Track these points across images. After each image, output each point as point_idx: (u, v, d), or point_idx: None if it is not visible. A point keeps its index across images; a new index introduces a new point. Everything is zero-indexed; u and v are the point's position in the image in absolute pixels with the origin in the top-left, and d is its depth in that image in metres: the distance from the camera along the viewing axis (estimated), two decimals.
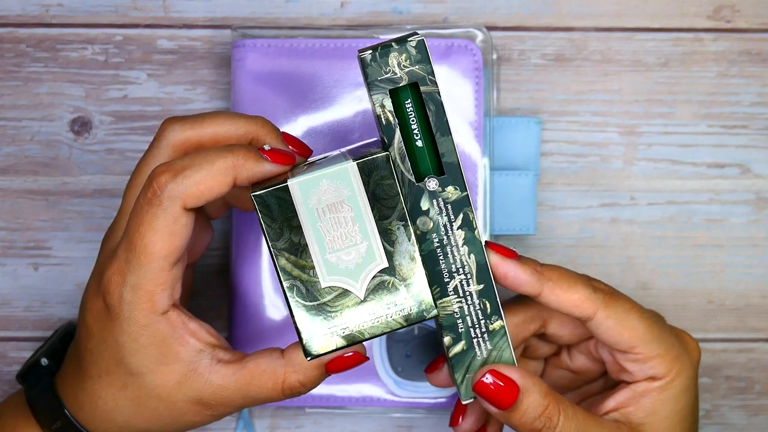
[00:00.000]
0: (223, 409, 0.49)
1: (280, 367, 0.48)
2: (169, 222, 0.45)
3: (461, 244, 0.47)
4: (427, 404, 0.58)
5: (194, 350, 0.48)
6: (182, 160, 0.46)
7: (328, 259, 0.45)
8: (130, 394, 0.48)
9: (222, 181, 0.45)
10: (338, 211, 0.45)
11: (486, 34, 0.58)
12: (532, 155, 0.59)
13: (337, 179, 0.45)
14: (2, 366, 0.61)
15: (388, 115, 0.46)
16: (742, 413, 0.62)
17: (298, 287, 0.45)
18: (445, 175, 0.46)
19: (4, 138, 0.60)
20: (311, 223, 0.45)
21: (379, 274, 0.45)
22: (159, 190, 0.45)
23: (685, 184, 0.61)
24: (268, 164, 0.46)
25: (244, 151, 0.46)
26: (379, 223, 0.45)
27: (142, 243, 0.45)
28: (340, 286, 0.45)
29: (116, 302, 0.46)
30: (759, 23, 0.61)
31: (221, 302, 0.60)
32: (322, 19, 0.60)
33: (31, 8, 0.60)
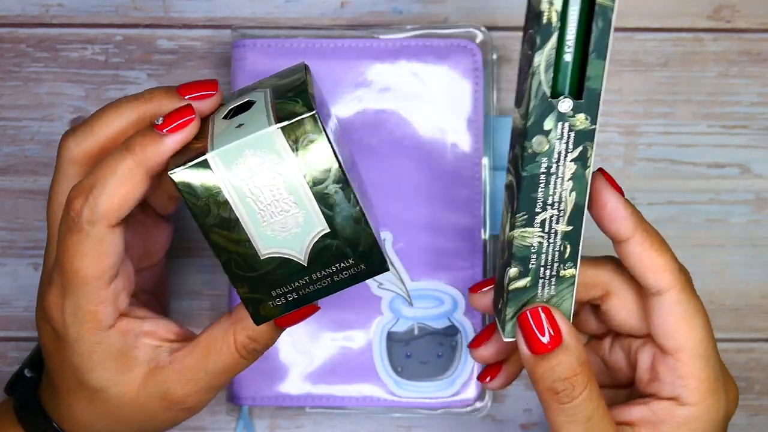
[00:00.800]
0: (193, 400, 0.47)
1: (229, 327, 0.46)
2: (94, 245, 0.44)
3: (567, 178, 0.43)
4: (427, 404, 0.58)
5: (151, 348, 0.47)
6: (88, 178, 0.44)
7: (263, 231, 0.42)
8: (100, 408, 0.48)
9: (134, 184, 0.43)
10: (267, 181, 0.42)
11: (486, 34, 0.58)
12: None
13: (261, 147, 0.41)
14: (2, 366, 0.61)
15: (552, 14, 0.40)
16: (742, 413, 0.62)
17: (236, 260, 0.43)
18: (581, 101, 0.41)
19: (4, 138, 0.60)
20: (239, 196, 0.42)
21: (321, 239, 0.43)
22: (76, 216, 0.43)
23: (685, 184, 0.61)
24: (169, 137, 0.43)
25: (138, 139, 0.43)
26: (313, 189, 0.42)
27: (72, 269, 0.44)
28: (280, 255, 0.43)
29: (61, 327, 0.46)
30: (759, 23, 0.61)
31: (221, 302, 0.60)
32: (322, 19, 0.60)
33: (31, 8, 0.60)
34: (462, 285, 0.58)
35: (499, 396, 0.61)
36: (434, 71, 0.57)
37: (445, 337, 0.58)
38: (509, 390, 0.61)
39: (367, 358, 0.58)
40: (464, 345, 0.58)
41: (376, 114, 0.58)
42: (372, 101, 0.58)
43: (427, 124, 0.58)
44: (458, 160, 0.58)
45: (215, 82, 0.46)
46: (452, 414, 0.59)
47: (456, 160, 0.58)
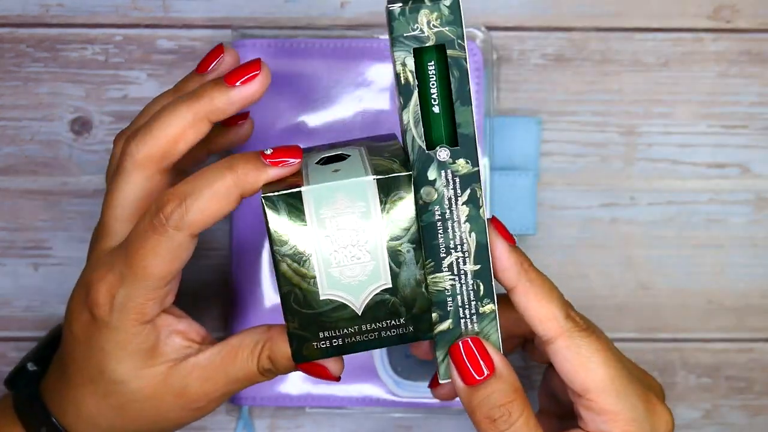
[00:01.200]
0: (206, 399, 0.48)
1: (260, 342, 0.47)
2: (172, 249, 0.45)
3: (464, 221, 0.45)
4: (427, 404, 0.58)
5: (180, 347, 0.48)
6: (185, 186, 0.45)
7: (331, 272, 0.43)
8: (114, 401, 0.48)
9: (226, 202, 0.44)
10: (349, 225, 0.43)
11: (486, 34, 0.58)
12: (532, 155, 0.59)
13: (353, 193, 0.43)
14: (2, 366, 0.61)
15: (408, 74, 0.43)
16: (742, 413, 0.62)
17: (296, 294, 0.44)
18: (458, 147, 0.44)
19: (4, 138, 0.60)
20: (319, 233, 0.43)
21: (381, 293, 0.44)
22: (165, 219, 0.44)
23: (685, 184, 0.61)
24: (273, 170, 0.44)
25: (243, 163, 0.44)
26: (389, 243, 0.43)
27: (142, 264, 0.45)
28: (339, 299, 0.44)
29: (104, 313, 0.46)
30: (759, 23, 0.61)
31: (221, 302, 0.60)
32: (322, 19, 0.60)
33: (31, 8, 0.60)
34: None
35: None
36: None
37: None
38: None
39: (366, 359, 0.58)
40: None
41: (376, 114, 0.58)
42: (372, 101, 0.58)
43: None
44: None
45: (258, 61, 0.47)
46: (452, 414, 0.59)
47: None
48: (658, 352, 0.61)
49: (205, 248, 0.60)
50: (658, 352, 0.61)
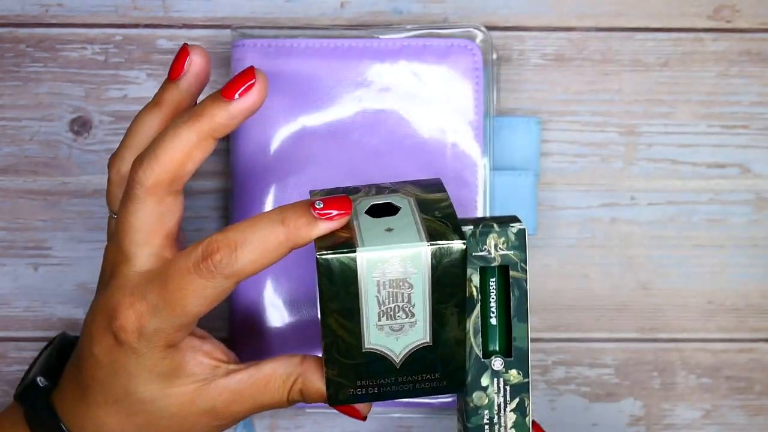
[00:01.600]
0: (231, 418, 0.49)
1: (294, 374, 0.48)
2: (216, 294, 0.45)
3: (510, 427, 0.48)
4: (427, 404, 0.58)
5: (209, 367, 0.48)
6: (236, 234, 0.45)
7: (376, 328, 0.45)
8: (140, 420, 0.48)
9: (275, 255, 0.45)
10: (399, 287, 0.44)
11: (486, 34, 0.58)
12: (532, 155, 0.59)
13: (407, 259, 0.44)
14: (2, 366, 0.61)
15: (473, 289, 0.47)
16: (743, 413, 0.62)
17: (338, 345, 0.45)
18: (511, 358, 0.47)
19: (3, 138, 0.60)
20: (369, 293, 0.44)
21: (421, 350, 0.46)
22: (213, 267, 0.45)
23: (685, 184, 0.61)
24: (324, 224, 0.45)
25: (295, 216, 0.45)
26: (435, 306, 0.45)
27: (181, 304, 0.46)
28: (380, 352, 0.46)
29: (132, 340, 0.47)
30: (759, 23, 0.61)
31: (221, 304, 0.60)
32: (322, 19, 0.60)
33: (30, 8, 0.60)
34: None
35: None
36: (434, 71, 0.57)
37: None
38: None
39: None
40: None
41: (376, 114, 0.58)
42: (372, 101, 0.58)
43: (427, 124, 0.57)
44: (458, 160, 0.58)
45: (252, 69, 0.47)
46: (452, 414, 0.59)
47: (456, 160, 0.58)
48: (658, 352, 0.61)
49: None
50: (658, 352, 0.61)
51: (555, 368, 0.61)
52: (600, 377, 0.61)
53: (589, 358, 0.61)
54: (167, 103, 0.49)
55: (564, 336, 0.61)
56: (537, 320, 0.61)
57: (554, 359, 0.61)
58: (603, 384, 0.61)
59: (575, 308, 0.61)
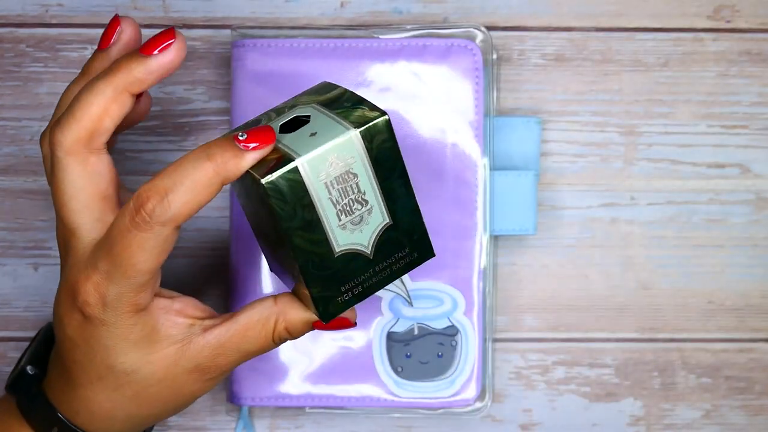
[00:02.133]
0: (219, 371, 0.49)
1: (272, 316, 0.48)
2: (159, 243, 0.45)
3: None
4: (427, 404, 0.58)
5: (184, 326, 0.48)
6: (163, 180, 0.44)
7: (339, 229, 0.46)
8: (128, 391, 0.48)
9: (209, 192, 0.44)
10: (345, 181, 0.45)
11: (486, 34, 0.58)
12: (532, 155, 0.59)
13: (342, 150, 0.45)
14: (2, 366, 0.61)
15: None
16: (743, 413, 0.62)
17: (313, 260, 0.46)
18: None
19: (4, 138, 0.60)
20: (322, 197, 0.45)
21: (386, 232, 0.47)
22: (148, 216, 0.44)
23: (685, 184, 0.61)
24: (251, 154, 0.45)
25: (221, 151, 0.44)
26: (382, 184, 0.46)
27: (130, 262, 0.45)
28: (351, 250, 0.46)
29: (97, 312, 0.46)
30: (759, 23, 0.61)
31: (221, 301, 0.60)
32: (322, 19, 0.60)
33: (31, 8, 0.60)
34: (462, 285, 0.58)
35: (499, 396, 0.61)
36: (434, 71, 0.57)
37: (445, 337, 0.58)
38: (509, 390, 0.61)
39: (367, 358, 0.58)
40: (464, 345, 0.58)
41: None
42: (372, 101, 0.57)
43: (427, 124, 0.57)
44: (458, 160, 0.58)
45: (172, 29, 0.47)
46: (452, 414, 0.59)
47: (456, 160, 0.58)
48: (658, 352, 0.61)
49: (205, 248, 0.60)
50: (658, 352, 0.61)
51: (555, 368, 0.61)
52: (600, 377, 0.61)
53: (589, 358, 0.61)
54: (95, 72, 0.48)
55: (564, 336, 0.61)
56: (537, 320, 0.61)
57: (554, 359, 0.61)
58: (603, 384, 0.61)
59: (575, 308, 0.61)
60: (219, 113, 0.60)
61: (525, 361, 0.61)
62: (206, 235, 0.60)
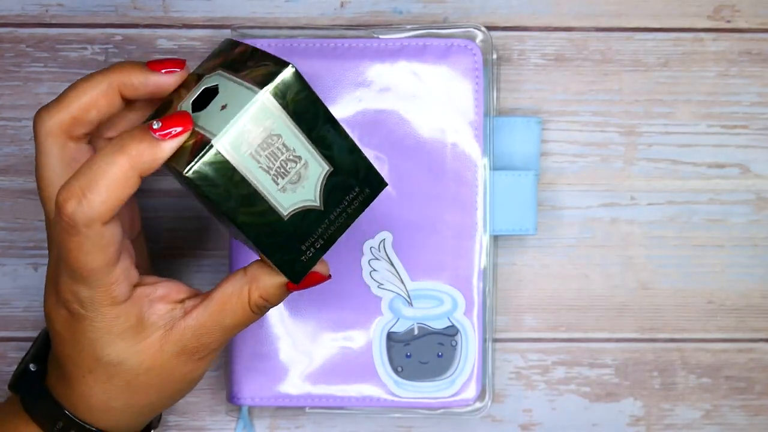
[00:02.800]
0: (207, 350, 0.49)
1: (244, 286, 0.48)
2: (94, 242, 0.44)
3: None
4: (427, 404, 0.58)
5: (166, 311, 0.48)
6: (78, 180, 0.43)
7: (280, 194, 0.44)
8: (119, 381, 0.48)
9: (126, 185, 0.43)
10: (271, 145, 0.44)
11: (486, 34, 0.58)
12: (532, 155, 0.59)
13: (257, 116, 0.43)
14: (2, 366, 0.61)
15: None
16: (743, 413, 0.62)
17: (264, 232, 0.45)
18: None
19: (4, 138, 0.60)
20: (251, 168, 0.43)
21: (329, 179, 0.45)
22: (71, 220, 0.43)
23: (685, 184, 0.61)
24: (167, 143, 0.43)
25: (135, 143, 0.43)
26: (311, 135, 0.44)
27: (78, 265, 0.45)
28: (300, 209, 0.45)
29: (78, 307, 0.46)
30: (759, 23, 0.61)
31: None
32: (322, 19, 0.60)
33: (30, 8, 0.60)
34: (462, 285, 0.58)
35: (499, 396, 0.61)
36: (434, 71, 0.57)
37: (445, 337, 0.58)
38: (509, 390, 0.61)
39: (367, 358, 0.58)
40: (464, 345, 0.58)
41: (376, 114, 0.58)
42: (372, 101, 0.58)
43: (427, 124, 0.57)
44: (458, 160, 0.58)
45: (183, 61, 0.47)
46: (452, 414, 0.59)
47: (456, 160, 0.58)
48: (658, 352, 0.61)
49: (205, 248, 0.60)
50: (658, 352, 0.61)
51: (555, 368, 0.61)
52: (600, 377, 0.61)
53: (589, 358, 0.61)
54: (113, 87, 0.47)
55: (564, 336, 0.61)
56: (537, 320, 0.61)
57: (554, 359, 0.61)
58: (603, 384, 0.61)
59: (575, 308, 0.61)
60: None
61: (525, 361, 0.61)
62: (206, 235, 0.60)
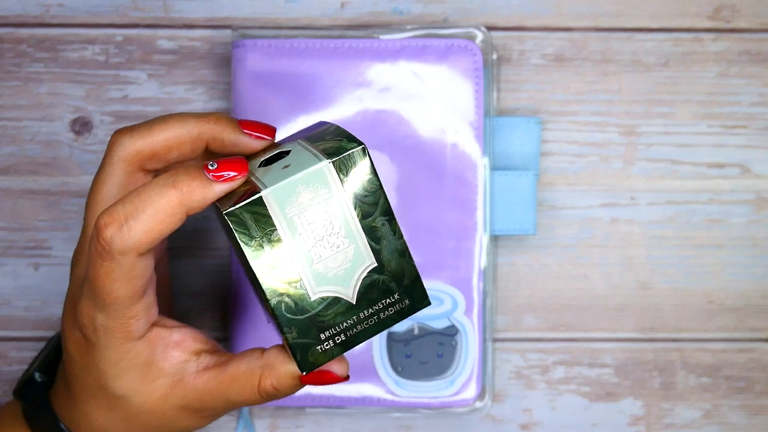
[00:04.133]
0: (210, 413, 0.48)
1: (257, 369, 0.46)
2: (125, 272, 0.43)
3: None
4: (427, 404, 0.58)
5: (179, 361, 0.47)
6: (124, 206, 0.42)
7: (315, 269, 0.42)
8: (119, 414, 0.48)
9: (171, 221, 0.42)
10: (319, 216, 0.42)
11: (486, 34, 0.58)
12: (532, 155, 0.59)
13: (313, 182, 0.42)
14: (2, 366, 0.61)
15: None
16: (742, 413, 0.62)
17: (286, 303, 0.43)
18: None
19: (4, 138, 0.60)
20: (292, 233, 0.42)
21: (369, 274, 0.43)
22: (107, 245, 0.42)
23: (685, 184, 0.61)
24: (219, 185, 0.42)
25: (188, 180, 0.42)
26: (362, 222, 0.42)
27: (104, 291, 0.44)
28: (331, 294, 0.43)
29: (91, 333, 0.46)
30: (759, 23, 0.61)
31: (221, 302, 0.60)
32: (322, 19, 0.60)
33: (31, 8, 0.60)
34: (462, 285, 0.58)
35: (499, 396, 0.61)
36: (434, 71, 0.57)
37: (445, 337, 0.58)
38: (509, 390, 0.61)
39: (367, 358, 0.58)
40: (464, 345, 0.58)
41: (376, 114, 0.58)
42: (372, 101, 0.58)
43: (427, 124, 0.58)
44: (458, 160, 0.58)
45: (274, 129, 0.46)
46: (452, 414, 0.59)
47: (456, 160, 0.58)
48: (658, 352, 0.61)
49: (205, 248, 0.60)
50: (658, 352, 0.61)
51: (555, 368, 0.61)
52: (600, 377, 0.61)
53: (589, 358, 0.61)
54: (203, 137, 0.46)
55: (564, 336, 0.61)
56: (537, 320, 0.61)
57: (554, 359, 0.61)
58: (603, 384, 0.61)
59: (575, 308, 0.61)
60: None
61: (525, 361, 0.61)
62: (206, 235, 0.60)
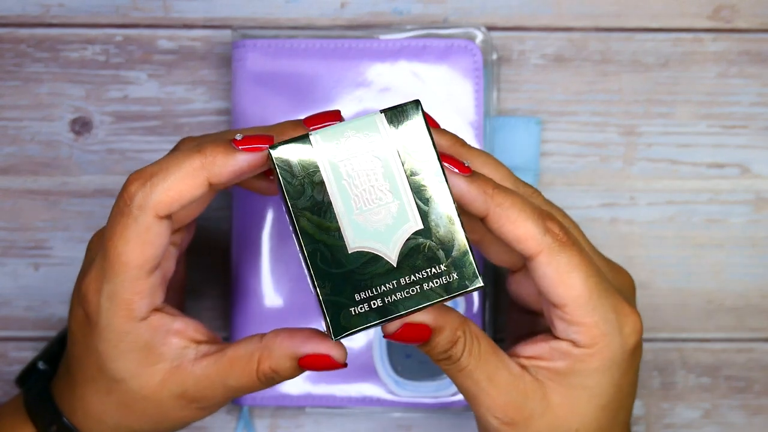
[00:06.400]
0: (207, 402, 0.48)
1: (256, 351, 0.46)
2: (141, 232, 0.44)
3: None
4: (427, 404, 0.58)
5: (178, 348, 0.47)
6: (152, 166, 0.44)
7: (356, 220, 0.41)
8: (116, 398, 0.48)
9: (192, 184, 0.43)
10: (366, 165, 0.41)
11: (486, 34, 0.58)
12: (532, 155, 0.59)
13: (363, 130, 0.41)
14: (2, 366, 0.61)
15: None
16: (742, 413, 0.62)
17: (322, 252, 0.41)
18: None
19: (4, 138, 0.60)
20: (335, 178, 0.41)
21: (414, 237, 0.41)
22: (129, 200, 0.43)
23: (685, 184, 0.61)
24: (242, 155, 0.43)
25: (212, 147, 0.43)
26: (410, 180, 0.41)
27: (115, 253, 0.44)
28: (370, 250, 0.41)
29: (94, 311, 0.46)
30: (759, 23, 0.61)
31: (221, 301, 0.60)
32: (322, 19, 0.60)
33: (31, 8, 0.60)
34: None
35: None
36: (434, 71, 0.57)
37: None
38: None
39: (367, 358, 0.58)
40: None
41: None
42: (372, 101, 0.58)
43: None
44: None
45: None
46: (452, 414, 0.59)
47: None
48: (658, 352, 0.61)
49: (206, 245, 0.60)
50: (658, 352, 0.61)
51: None
52: None
53: None
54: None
55: None
56: None
57: None
58: None
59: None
60: (219, 113, 0.60)
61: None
62: (206, 235, 0.60)
